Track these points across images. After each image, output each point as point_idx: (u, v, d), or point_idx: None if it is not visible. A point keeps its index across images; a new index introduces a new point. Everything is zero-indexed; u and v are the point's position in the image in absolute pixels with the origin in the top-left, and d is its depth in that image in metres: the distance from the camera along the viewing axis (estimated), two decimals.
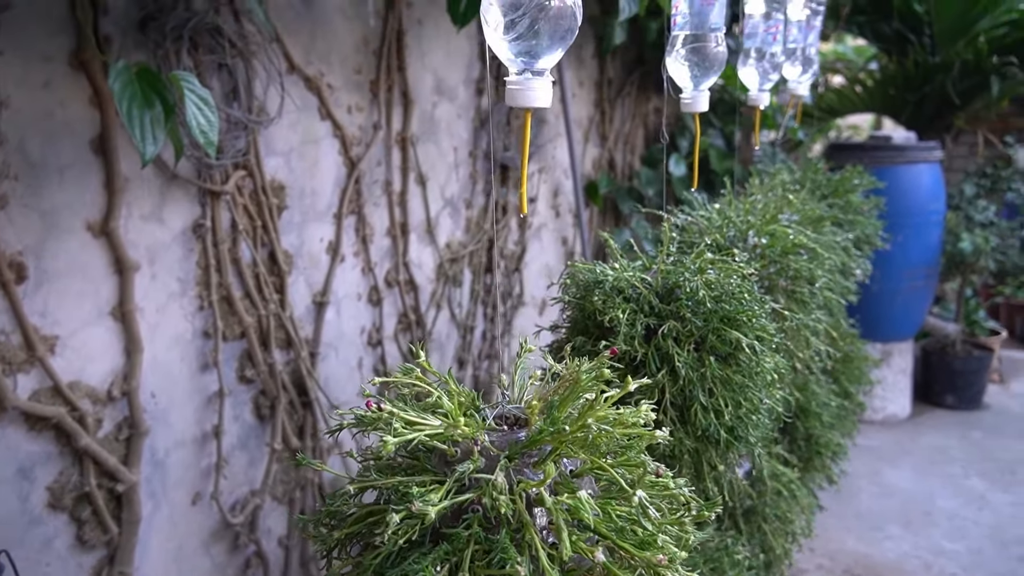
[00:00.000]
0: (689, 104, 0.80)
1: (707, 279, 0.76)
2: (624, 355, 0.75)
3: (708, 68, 0.78)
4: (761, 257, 1.01)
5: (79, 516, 1.19)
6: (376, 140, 1.69)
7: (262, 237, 1.44)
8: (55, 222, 1.13)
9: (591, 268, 0.81)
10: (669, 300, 0.77)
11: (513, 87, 0.49)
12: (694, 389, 0.73)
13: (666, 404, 0.75)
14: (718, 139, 2.89)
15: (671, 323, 0.75)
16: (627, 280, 0.77)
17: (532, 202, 2.30)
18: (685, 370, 0.73)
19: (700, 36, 0.77)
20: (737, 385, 0.75)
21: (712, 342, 0.75)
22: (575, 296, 0.81)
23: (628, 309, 0.75)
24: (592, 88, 2.56)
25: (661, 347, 0.74)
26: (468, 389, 0.62)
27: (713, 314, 0.75)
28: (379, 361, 1.78)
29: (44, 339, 1.12)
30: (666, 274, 0.78)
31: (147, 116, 0.90)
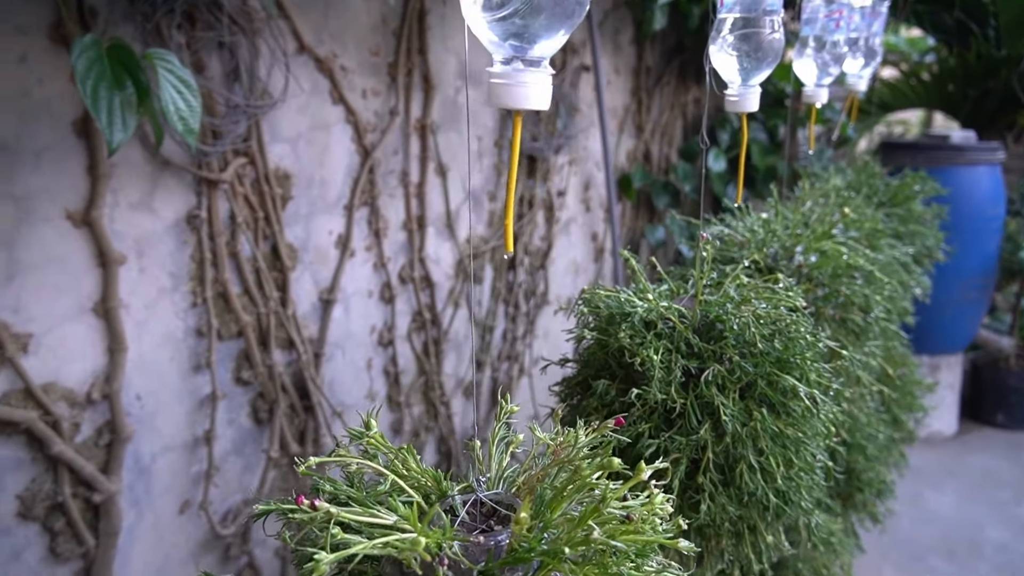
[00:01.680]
0: (736, 102, 0.67)
1: (756, 312, 0.64)
2: (659, 406, 0.63)
3: (761, 59, 0.65)
4: (808, 279, 0.88)
5: (52, 527, 1.10)
6: (393, 127, 1.57)
7: (264, 230, 1.34)
8: (30, 208, 1.03)
9: (615, 295, 0.69)
10: (709, 337, 0.64)
11: (498, 81, 0.37)
12: (742, 447, 0.61)
13: (706, 464, 0.62)
14: (761, 133, 2.73)
15: (715, 367, 0.62)
16: (660, 312, 0.65)
17: (561, 196, 2.18)
18: (732, 424, 0.61)
19: (752, 20, 0.64)
20: (790, 440, 0.62)
21: (762, 389, 0.63)
22: (594, 327, 0.69)
23: (662, 348, 0.63)
24: (629, 76, 2.41)
25: (703, 396, 0.62)
26: (431, 469, 0.50)
27: (764, 356, 0.62)
28: (390, 362, 1.67)
29: (15, 337, 1.03)
30: (705, 306, 0.66)
31: (116, 98, 0.80)
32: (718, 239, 0.92)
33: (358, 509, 0.44)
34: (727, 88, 0.68)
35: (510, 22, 0.35)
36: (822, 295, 0.88)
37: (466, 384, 1.92)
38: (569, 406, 0.72)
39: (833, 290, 0.88)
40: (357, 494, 0.47)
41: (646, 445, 0.61)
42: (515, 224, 1.98)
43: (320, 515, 0.43)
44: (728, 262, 0.92)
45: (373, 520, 0.44)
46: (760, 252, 0.88)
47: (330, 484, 0.48)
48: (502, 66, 0.37)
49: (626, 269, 0.76)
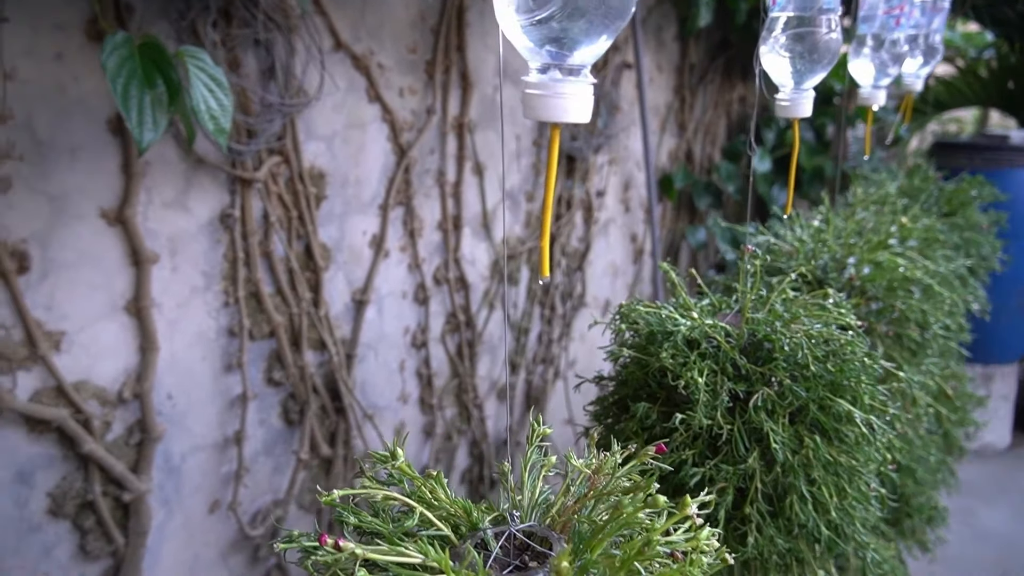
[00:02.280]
0: (787, 107, 0.63)
1: (808, 332, 0.59)
2: (704, 431, 0.59)
3: (816, 61, 0.61)
4: (860, 293, 0.83)
5: (82, 525, 1.10)
6: (430, 125, 1.55)
7: (297, 229, 1.33)
8: (64, 207, 1.03)
9: (655, 310, 0.65)
10: (756, 358, 0.60)
11: (533, 92, 0.34)
12: (793, 476, 0.57)
13: (754, 493, 0.58)
14: (807, 132, 2.65)
15: (764, 390, 0.58)
16: (705, 331, 0.61)
17: (600, 196, 2.13)
18: (784, 452, 0.57)
19: (807, 19, 0.60)
20: (843, 468, 0.58)
21: (813, 414, 0.58)
22: (632, 345, 0.65)
23: (707, 370, 0.59)
24: (672, 73, 2.36)
25: (752, 421, 0.58)
26: (462, 500, 0.47)
27: (817, 379, 0.58)
28: (423, 364, 1.65)
29: (48, 335, 1.03)
30: (753, 324, 0.62)
31: (147, 97, 0.79)
32: (765, 249, 0.87)
33: (385, 547, 0.41)
34: (778, 92, 0.64)
35: (547, 26, 0.32)
36: (875, 309, 0.83)
37: (500, 387, 1.89)
38: (604, 426, 0.69)
39: (888, 304, 0.83)
40: (383, 526, 0.44)
41: (690, 474, 0.57)
42: (552, 225, 1.94)
43: (345, 556, 0.40)
44: (775, 273, 0.88)
45: (402, 560, 0.41)
46: (809, 264, 0.83)
47: (354, 515, 0.45)
48: (538, 75, 0.34)
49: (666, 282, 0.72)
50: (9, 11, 0.94)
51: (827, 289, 0.68)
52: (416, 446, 1.68)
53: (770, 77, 0.63)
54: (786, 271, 0.86)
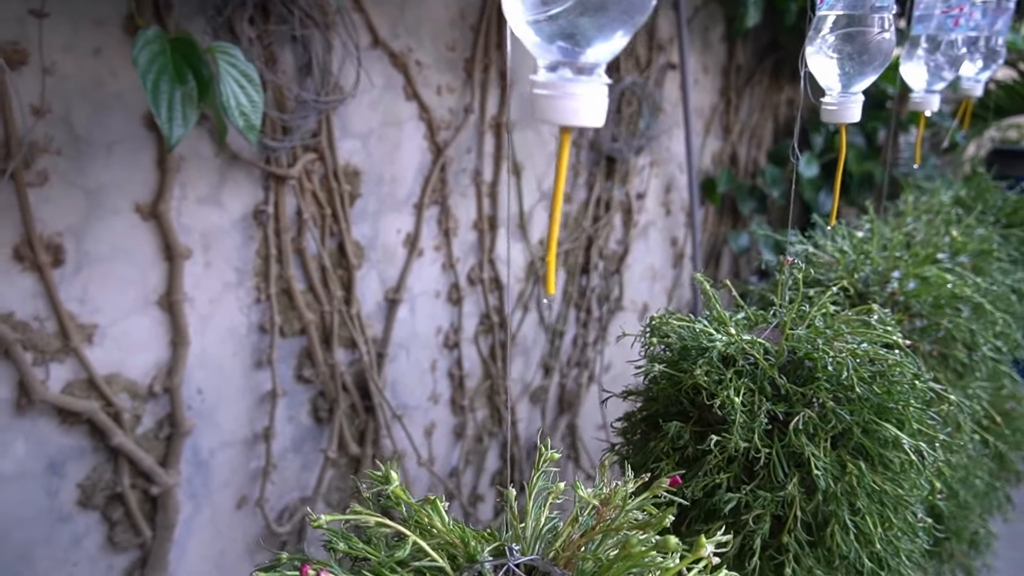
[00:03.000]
0: (834, 112, 0.59)
1: (853, 351, 0.56)
2: (740, 455, 0.56)
3: (866, 63, 0.57)
4: (904, 309, 0.79)
5: (111, 516, 1.11)
6: (467, 124, 1.53)
7: (331, 227, 1.32)
8: (100, 202, 1.04)
9: (689, 324, 0.62)
10: (797, 377, 0.57)
11: (541, 92, 0.31)
12: (836, 504, 0.53)
13: (792, 521, 0.55)
14: (858, 136, 2.57)
15: (805, 412, 0.55)
16: (742, 347, 0.58)
17: (640, 198, 2.10)
18: (826, 479, 0.53)
19: (857, 18, 0.56)
20: (889, 497, 0.55)
21: (857, 439, 0.55)
22: (663, 360, 0.62)
23: (743, 388, 0.56)
24: (718, 75, 2.31)
25: (791, 445, 0.55)
26: (462, 526, 0.45)
27: (863, 402, 0.55)
28: (455, 365, 1.64)
29: (81, 327, 1.04)
30: (793, 340, 0.58)
31: (177, 93, 0.78)
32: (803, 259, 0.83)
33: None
34: (825, 96, 0.61)
35: (560, 21, 0.29)
36: (920, 327, 0.79)
37: (532, 389, 1.87)
38: (630, 444, 0.66)
39: (933, 322, 0.78)
40: (375, 554, 0.42)
41: (725, 499, 0.54)
42: (591, 227, 1.91)
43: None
44: (813, 284, 0.84)
45: None
46: (850, 276, 0.79)
47: (345, 541, 0.43)
48: (547, 73, 0.31)
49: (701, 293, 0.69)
50: (49, 7, 0.95)
51: (872, 304, 0.64)
52: (446, 447, 1.67)
53: (816, 79, 0.60)
54: (825, 283, 0.82)
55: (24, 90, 0.94)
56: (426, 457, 1.61)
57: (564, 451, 2.01)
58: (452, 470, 1.68)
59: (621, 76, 1.87)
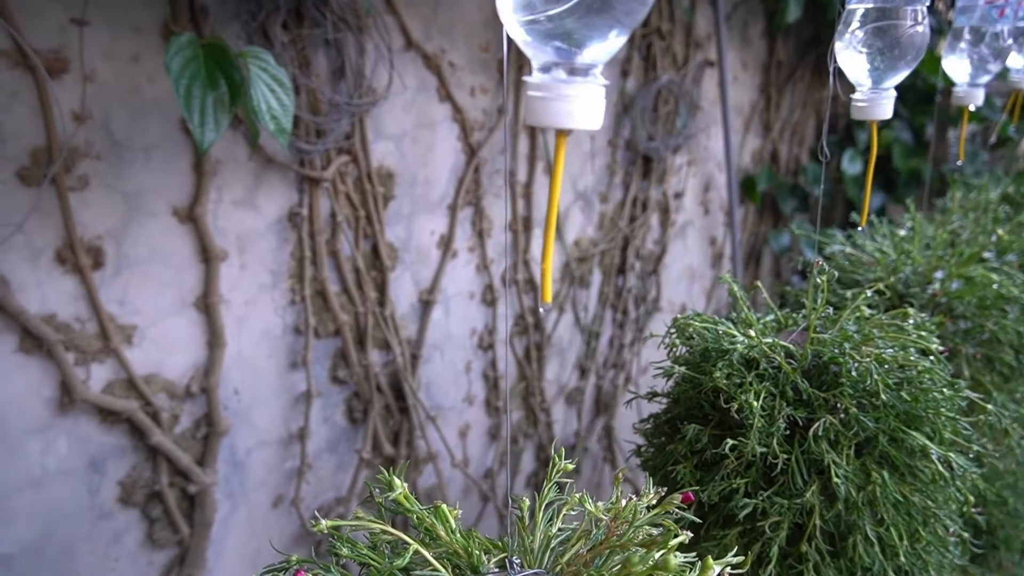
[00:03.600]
0: (864, 108, 0.57)
1: (879, 356, 0.54)
2: (758, 459, 0.54)
3: (898, 57, 0.55)
4: (946, 311, 0.76)
5: (150, 514, 1.13)
6: (500, 125, 1.53)
7: (365, 228, 1.33)
8: (138, 205, 1.06)
9: (712, 325, 0.61)
10: (820, 382, 0.55)
11: (535, 94, 0.30)
12: (857, 514, 0.52)
13: (812, 530, 0.54)
14: (904, 132, 2.50)
15: (827, 418, 0.53)
16: (764, 350, 0.56)
17: (678, 198, 2.07)
18: (847, 488, 0.52)
19: (888, 11, 0.54)
20: (916, 508, 0.53)
21: (882, 447, 0.53)
22: (686, 362, 0.61)
23: (764, 392, 0.55)
24: (758, 71, 2.27)
25: (812, 452, 0.53)
26: (468, 535, 0.45)
27: (888, 409, 0.53)
28: (489, 366, 1.64)
29: (121, 329, 1.06)
30: (818, 344, 0.57)
31: (209, 98, 0.79)
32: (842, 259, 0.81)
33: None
34: (854, 93, 0.59)
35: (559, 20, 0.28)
36: (963, 329, 0.76)
37: (568, 391, 1.86)
38: (654, 447, 0.65)
39: (977, 325, 0.76)
40: (378, 561, 0.42)
41: (740, 505, 0.53)
42: (627, 227, 1.89)
43: None
44: (852, 285, 0.82)
45: None
46: (889, 277, 0.77)
47: (349, 547, 0.43)
48: (541, 74, 0.31)
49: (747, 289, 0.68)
50: (89, 15, 0.97)
51: (907, 308, 0.62)
52: (481, 448, 1.67)
53: (846, 75, 0.58)
54: (864, 284, 0.80)
55: (65, 97, 0.96)
56: (461, 458, 1.61)
57: (600, 453, 2.00)
58: (487, 471, 1.68)
59: (658, 74, 1.85)
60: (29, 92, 0.94)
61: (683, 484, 0.56)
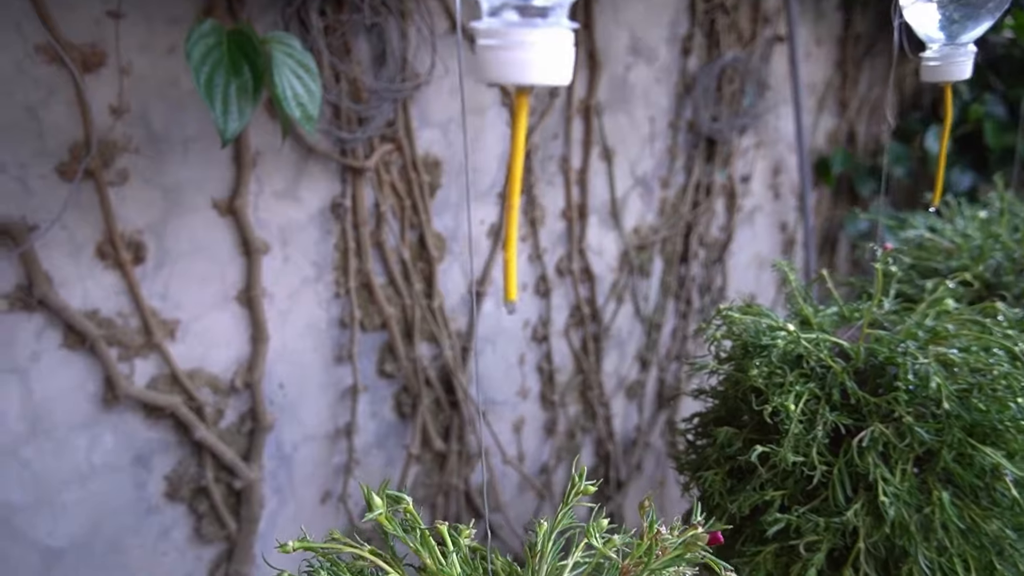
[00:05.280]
0: (935, 68, 0.49)
1: (945, 358, 0.47)
2: (795, 470, 0.48)
3: (977, 5, 0.47)
4: None
5: (197, 509, 1.13)
6: (553, 109, 1.47)
7: (411, 219, 1.29)
8: (178, 199, 1.05)
9: (756, 314, 0.54)
10: (876, 386, 0.48)
11: (486, 43, 0.25)
12: (908, 540, 0.45)
13: (856, 554, 0.47)
14: (997, 106, 2.31)
15: (877, 427, 0.46)
16: (810, 346, 0.49)
17: (745, 181, 1.97)
18: (898, 508, 0.45)
19: None
20: (990, 538, 0.45)
21: (946, 463, 0.46)
22: (727, 358, 0.55)
23: (806, 394, 0.48)
24: (833, 46, 2.13)
25: (857, 464, 0.46)
26: (457, 566, 0.39)
27: (954, 420, 0.45)
28: (544, 359, 1.58)
29: (163, 323, 1.06)
30: (876, 342, 0.49)
31: (232, 86, 0.77)
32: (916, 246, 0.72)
33: None
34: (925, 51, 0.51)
35: None
36: None
37: (628, 384, 1.79)
38: (696, 450, 0.59)
39: None
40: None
41: (771, 520, 0.46)
42: (689, 213, 1.81)
43: None
44: (929, 274, 0.73)
45: None
46: (977, 265, 0.68)
47: (330, 569, 0.39)
48: (490, 20, 0.25)
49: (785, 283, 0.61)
50: (125, 7, 0.96)
51: (996, 302, 0.54)
52: (536, 443, 1.62)
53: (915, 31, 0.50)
54: (943, 272, 0.71)
55: (102, 91, 0.96)
56: (515, 453, 1.57)
57: (664, 448, 1.92)
58: (543, 467, 1.64)
59: (721, 52, 1.75)
60: (67, 87, 0.94)
61: (712, 493, 0.50)
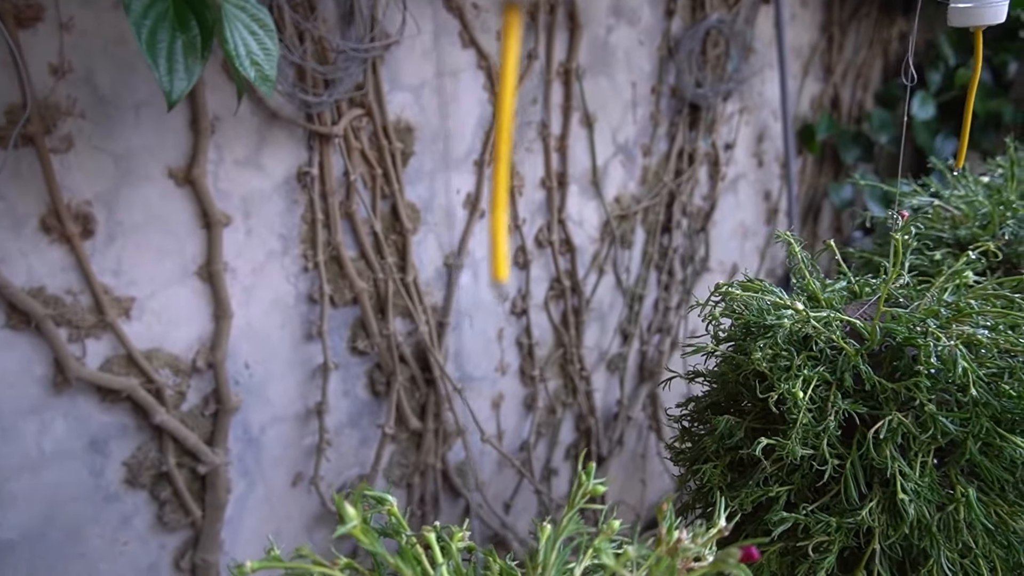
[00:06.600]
0: (966, 12, 0.44)
1: (971, 338, 0.42)
2: (804, 464, 0.43)
3: None
4: None
5: (159, 495, 1.07)
6: (531, 72, 1.40)
7: (383, 188, 1.23)
8: (130, 168, 0.98)
9: (757, 291, 0.49)
10: (893, 370, 0.44)
11: None
12: (931, 541, 0.40)
13: (870, 555, 0.42)
14: (983, 71, 2.27)
15: (895, 416, 0.42)
16: (819, 326, 0.45)
17: (729, 149, 1.91)
18: (917, 507, 0.40)
19: None
20: (1020, 537, 0.41)
21: (971, 455, 0.41)
22: (726, 338, 0.50)
23: (815, 379, 0.43)
24: (818, 8, 2.07)
25: (872, 458, 0.42)
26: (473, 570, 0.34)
27: (981, 408, 0.41)
28: (523, 333, 1.54)
29: (117, 301, 0.99)
30: (892, 320, 0.45)
31: (178, 42, 0.69)
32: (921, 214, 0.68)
33: None
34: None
35: None
36: None
37: (610, 357, 1.75)
38: (692, 439, 0.54)
39: None
40: None
41: (776, 519, 0.42)
42: (672, 181, 1.75)
43: None
44: (933, 244, 0.68)
45: None
46: (986, 233, 0.63)
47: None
48: None
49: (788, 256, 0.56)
50: None
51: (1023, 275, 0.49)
52: (515, 419, 1.58)
53: None
54: (948, 241, 0.66)
55: (39, 49, 0.88)
56: (494, 431, 1.52)
57: (645, 422, 1.89)
58: (523, 443, 1.60)
59: (706, 13, 1.69)
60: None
61: (710, 487, 0.45)
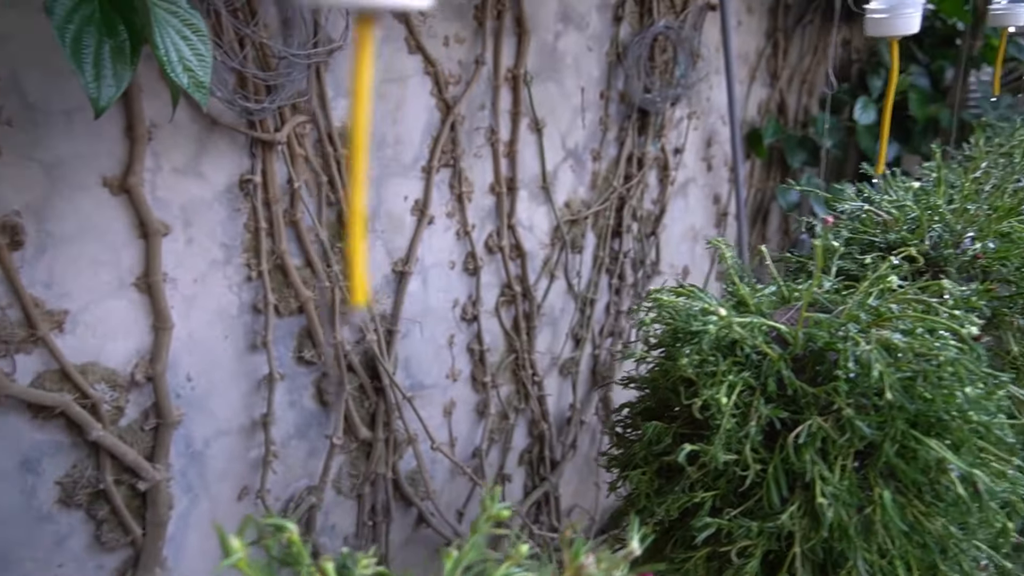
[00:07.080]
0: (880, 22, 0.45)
1: (887, 342, 0.43)
2: (727, 469, 0.43)
3: None
4: (982, 275, 0.64)
5: (96, 514, 1.04)
6: (479, 78, 1.40)
7: (328, 195, 1.21)
8: (62, 177, 0.95)
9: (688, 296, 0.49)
10: (815, 374, 0.44)
11: None
12: (847, 544, 0.41)
13: (792, 559, 0.43)
14: (922, 78, 2.34)
15: (815, 420, 0.42)
16: (744, 332, 0.45)
17: (678, 153, 1.93)
18: (836, 510, 0.41)
19: None
20: (934, 537, 0.42)
21: (888, 458, 0.42)
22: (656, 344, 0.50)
23: (740, 385, 0.43)
24: (764, 15, 2.11)
25: (793, 462, 0.42)
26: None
27: (897, 411, 0.41)
28: (474, 339, 1.53)
29: (49, 314, 0.96)
30: (815, 325, 0.45)
31: (105, 47, 0.67)
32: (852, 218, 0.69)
33: None
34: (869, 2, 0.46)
35: None
36: (1005, 296, 0.64)
37: (562, 362, 1.76)
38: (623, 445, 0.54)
39: (1021, 290, 0.64)
40: None
41: (699, 526, 0.42)
42: (622, 186, 1.77)
43: None
44: (865, 248, 0.69)
45: None
46: (914, 238, 0.65)
47: None
48: None
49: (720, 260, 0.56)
50: None
51: (943, 280, 0.50)
52: (468, 426, 1.57)
53: None
54: (880, 246, 0.68)
55: None
56: (446, 438, 1.51)
57: (598, 426, 1.90)
58: (475, 450, 1.59)
59: (653, 19, 1.70)
60: None
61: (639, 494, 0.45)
